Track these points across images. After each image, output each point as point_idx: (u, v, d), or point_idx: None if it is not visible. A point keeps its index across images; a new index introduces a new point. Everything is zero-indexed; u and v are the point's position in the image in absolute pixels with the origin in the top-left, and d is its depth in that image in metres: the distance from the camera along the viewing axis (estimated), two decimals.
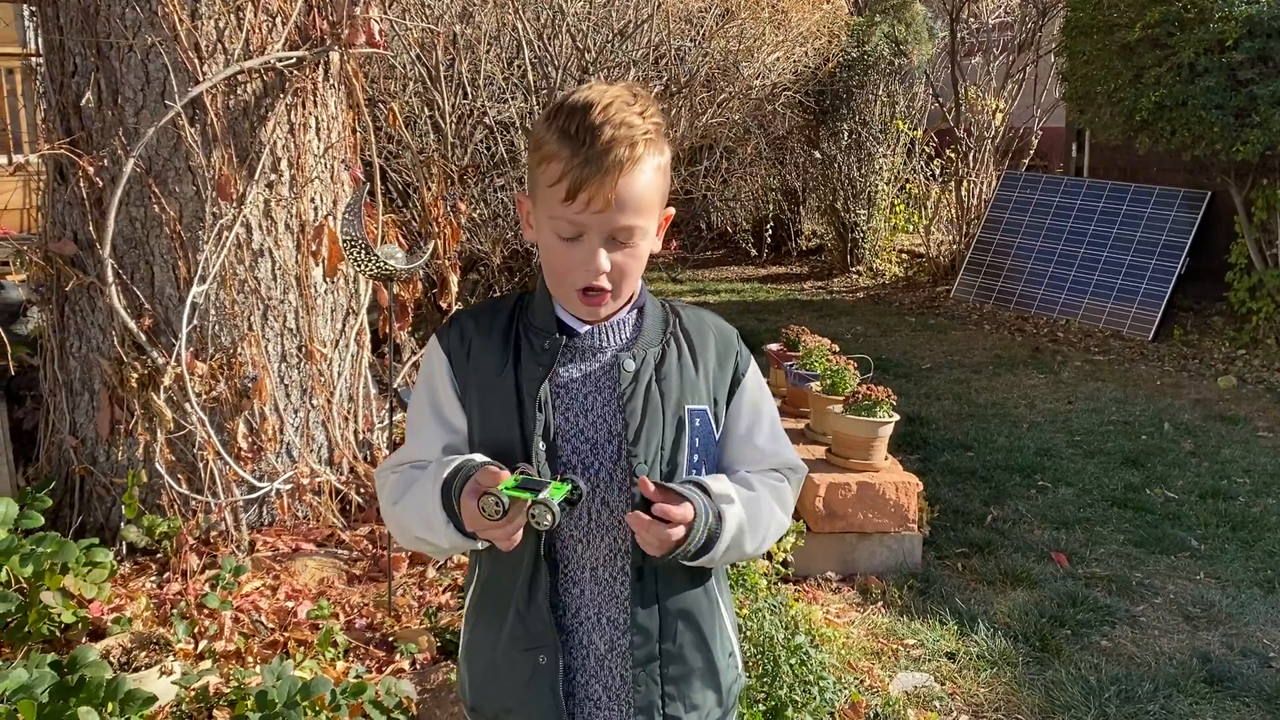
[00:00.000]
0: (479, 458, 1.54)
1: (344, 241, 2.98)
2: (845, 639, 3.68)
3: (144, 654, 2.96)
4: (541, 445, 1.55)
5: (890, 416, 4.28)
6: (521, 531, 1.48)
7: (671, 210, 1.63)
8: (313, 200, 3.81)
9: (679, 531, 1.47)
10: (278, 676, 2.77)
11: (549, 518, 1.40)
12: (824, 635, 3.56)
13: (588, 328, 1.61)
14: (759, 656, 3.15)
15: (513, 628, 1.60)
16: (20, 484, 3.83)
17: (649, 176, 1.49)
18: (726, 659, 1.70)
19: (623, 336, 1.63)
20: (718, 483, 1.58)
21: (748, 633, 3.18)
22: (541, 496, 1.40)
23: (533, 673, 1.59)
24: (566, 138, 1.46)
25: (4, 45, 8.67)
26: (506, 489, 1.41)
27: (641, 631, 1.60)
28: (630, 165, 1.45)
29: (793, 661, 3.07)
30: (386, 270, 3.06)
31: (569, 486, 1.46)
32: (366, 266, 3.03)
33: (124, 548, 3.61)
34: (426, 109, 6.53)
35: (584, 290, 1.52)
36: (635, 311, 1.65)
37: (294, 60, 3.63)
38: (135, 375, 3.48)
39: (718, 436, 1.66)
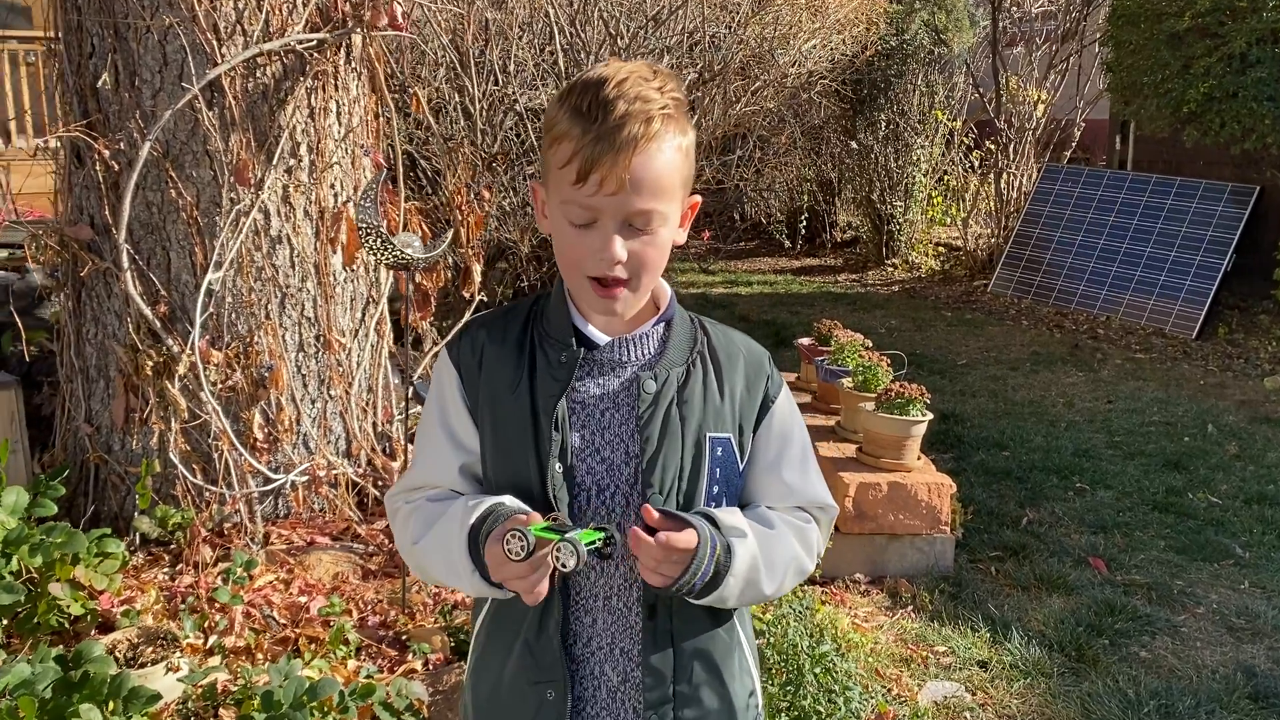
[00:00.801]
0: (509, 501, 1.45)
1: (360, 229, 2.89)
2: (873, 645, 3.57)
3: (151, 649, 2.89)
4: (558, 466, 1.45)
5: (923, 415, 4.15)
6: (546, 584, 1.38)
7: (698, 198, 1.52)
8: (333, 186, 3.73)
9: (679, 559, 1.37)
10: (285, 676, 2.69)
11: (573, 559, 1.30)
12: (851, 641, 3.45)
13: (608, 339, 1.50)
14: (782, 664, 3.04)
15: (521, 658, 1.51)
16: (36, 471, 3.79)
17: (668, 156, 1.37)
18: (746, 698, 1.58)
19: (646, 352, 1.51)
20: (729, 515, 1.47)
21: (771, 639, 3.07)
22: (569, 535, 1.31)
23: (539, 707, 1.50)
24: (578, 115, 1.35)
25: (37, 29, 8.70)
26: (535, 530, 1.32)
27: (654, 673, 1.49)
28: (645, 142, 1.34)
29: (817, 670, 2.96)
30: (403, 259, 2.97)
31: (602, 535, 1.36)
32: (383, 255, 2.94)
33: (137, 538, 3.55)
34: (457, 95, 6.45)
35: (598, 280, 1.41)
36: (662, 325, 1.53)
37: (314, 42, 3.55)
38: (150, 363, 3.42)
39: (742, 467, 1.55)
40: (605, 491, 1.47)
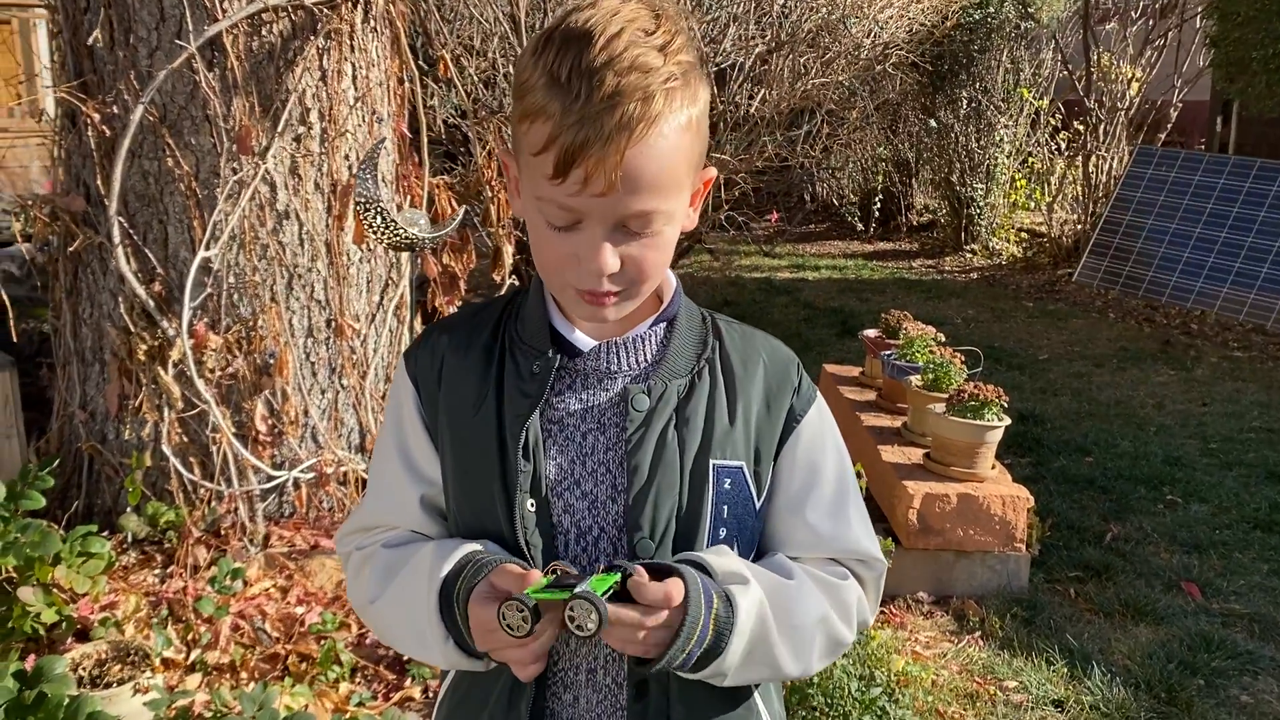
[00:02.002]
0: (487, 547, 1.14)
1: (357, 204, 2.56)
2: (934, 679, 3.18)
3: (119, 667, 2.61)
4: (529, 504, 1.14)
5: (1000, 420, 3.75)
6: (547, 655, 1.08)
7: (712, 172, 1.17)
8: (347, 157, 3.41)
9: (667, 619, 1.04)
10: (259, 706, 2.40)
11: (594, 618, 0.98)
12: (908, 675, 3.07)
13: (593, 344, 1.18)
14: (829, 706, 2.68)
15: None
16: (31, 459, 3.55)
17: (673, 140, 1.03)
18: None
19: (640, 360, 1.19)
20: (720, 557, 1.13)
21: (817, 677, 2.71)
22: (581, 589, 0.99)
23: None
24: (555, 86, 1.01)
25: None
26: (535, 593, 1.01)
27: None
28: (644, 128, 1.00)
29: (866, 718, 2.59)
30: (405, 239, 2.64)
31: (617, 577, 1.04)
32: (382, 234, 2.61)
33: (130, 535, 3.29)
34: (511, 66, 6.15)
35: (585, 290, 1.10)
36: (663, 326, 1.20)
37: None
38: (144, 347, 3.14)
39: (758, 505, 1.20)
40: (587, 535, 1.15)
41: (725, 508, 1.16)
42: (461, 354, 1.21)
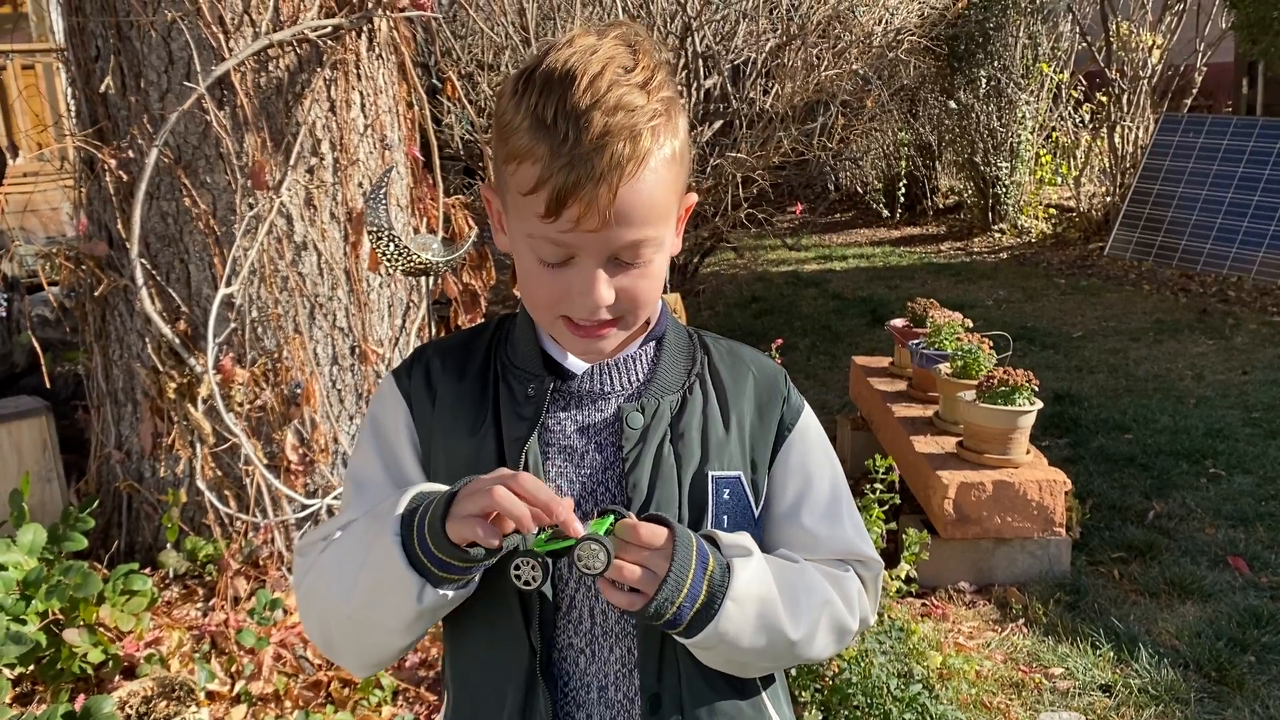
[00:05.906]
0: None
1: (368, 231, 2.58)
2: (977, 670, 3.16)
3: (165, 704, 2.65)
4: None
5: (1031, 404, 3.72)
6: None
7: (693, 197, 1.20)
8: (360, 185, 3.44)
9: (649, 559, 1.05)
10: None
11: (600, 558, 1.03)
12: (950, 668, 3.05)
13: (586, 367, 1.21)
14: (869, 707, 2.67)
15: None
16: (71, 501, 3.61)
17: (660, 173, 1.07)
18: None
19: (632, 379, 1.21)
20: (733, 535, 1.15)
21: (854, 677, 2.70)
22: (587, 534, 1.04)
23: None
24: (542, 129, 1.03)
25: None
26: (541, 547, 1.05)
27: None
28: (634, 166, 1.03)
29: (908, 716, 2.58)
30: (419, 263, 2.65)
31: (611, 519, 1.09)
32: (396, 261, 2.63)
33: (171, 571, 3.34)
34: None
35: (576, 323, 1.13)
36: (652, 345, 1.23)
37: (329, 30, 3.25)
38: (173, 385, 3.19)
39: (757, 513, 1.22)
40: None
41: (725, 518, 1.19)
42: (455, 382, 1.22)
